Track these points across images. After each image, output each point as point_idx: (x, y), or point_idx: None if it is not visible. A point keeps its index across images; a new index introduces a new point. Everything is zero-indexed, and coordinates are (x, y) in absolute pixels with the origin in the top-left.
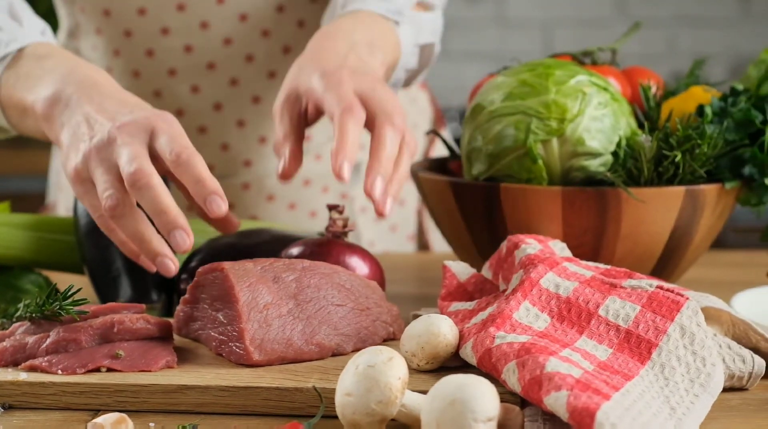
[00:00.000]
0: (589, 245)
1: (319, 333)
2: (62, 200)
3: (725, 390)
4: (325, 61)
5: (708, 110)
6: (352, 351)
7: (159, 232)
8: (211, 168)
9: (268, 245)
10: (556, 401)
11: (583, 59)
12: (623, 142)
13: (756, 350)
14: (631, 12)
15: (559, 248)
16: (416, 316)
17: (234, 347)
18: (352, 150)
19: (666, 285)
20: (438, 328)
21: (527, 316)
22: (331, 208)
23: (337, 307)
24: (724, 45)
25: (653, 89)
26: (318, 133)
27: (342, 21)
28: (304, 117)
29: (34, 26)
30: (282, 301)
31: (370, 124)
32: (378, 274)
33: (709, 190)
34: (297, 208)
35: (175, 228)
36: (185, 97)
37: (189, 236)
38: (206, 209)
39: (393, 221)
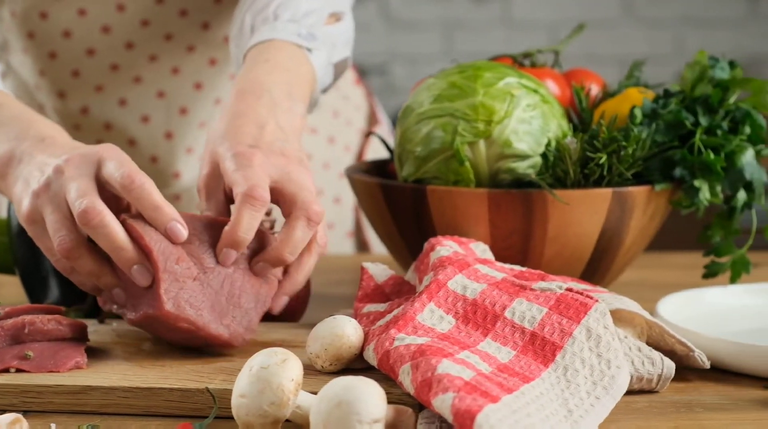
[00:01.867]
0: (516, 247)
1: (226, 315)
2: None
3: (634, 392)
4: (242, 134)
5: (637, 112)
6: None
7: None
8: None
9: None
10: (443, 403)
11: (523, 61)
12: (553, 144)
13: (672, 353)
14: (638, 13)
15: (481, 250)
16: None
17: (147, 299)
18: (240, 239)
19: (577, 287)
20: (342, 330)
21: (431, 318)
22: None
23: (235, 272)
24: (732, 45)
25: (588, 90)
26: None
27: (257, 71)
28: (229, 194)
29: None
30: (189, 260)
31: (286, 213)
32: None
33: (638, 192)
34: None
35: (135, 263)
36: (113, 112)
37: (149, 271)
38: (168, 236)
39: (330, 219)
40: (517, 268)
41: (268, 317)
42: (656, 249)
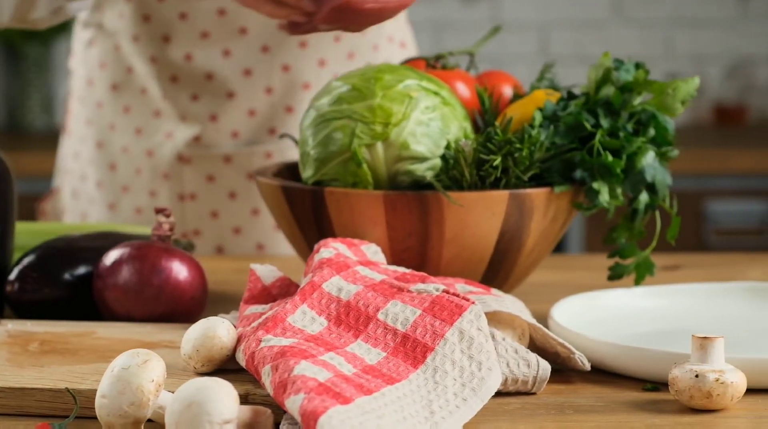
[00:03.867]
0: (415, 249)
1: None
2: (67, 183)
3: (510, 394)
4: None
5: (537, 114)
6: None
7: None
8: (236, 134)
9: (108, 249)
10: (293, 404)
11: (435, 64)
12: (452, 147)
13: (557, 355)
14: (628, 13)
15: (372, 252)
16: None
17: None
18: None
19: (464, 289)
20: (213, 332)
21: (302, 320)
22: (158, 211)
23: None
24: (722, 46)
25: (490, 92)
26: None
27: None
28: None
29: None
30: None
31: None
32: (197, 279)
33: (536, 193)
34: None
35: None
36: (216, 61)
37: None
38: None
39: None
40: (401, 269)
41: (160, 318)
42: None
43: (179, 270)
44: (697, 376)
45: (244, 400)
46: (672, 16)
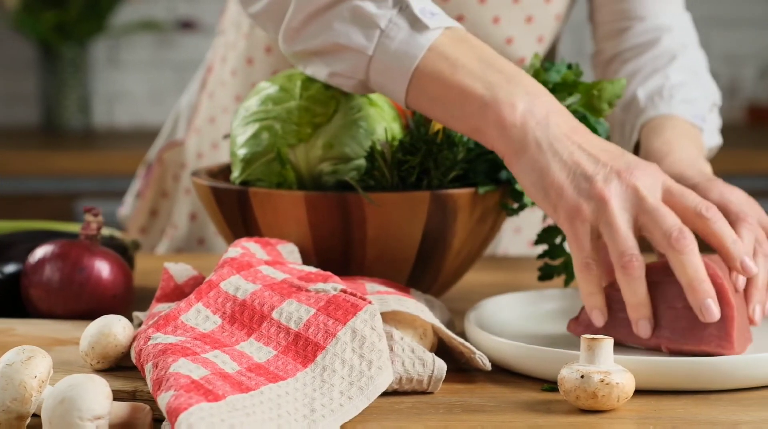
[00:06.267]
0: (338, 249)
1: (743, 332)
2: (194, 142)
3: (406, 393)
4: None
5: None
6: None
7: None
8: None
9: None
10: (162, 401)
11: None
12: (377, 147)
13: (462, 354)
14: None
15: (288, 251)
16: (137, 318)
17: (705, 336)
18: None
19: (372, 288)
20: (109, 329)
21: (196, 318)
22: (86, 210)
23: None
24: (757, 46)
25: None
26: None
27: (671, 137)
28: None
29: None
30: (740, 296)
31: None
32: (120, 277)
33: (460, 194)
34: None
35: (709, 298)
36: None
37: (717, 307)
38: (741, 271)
39: None
40: (308, 269)
41: (83, 316)
42: None
43: (101, 268)
44: (582, 376)
45: (131, 397)
46: (706, 16)
